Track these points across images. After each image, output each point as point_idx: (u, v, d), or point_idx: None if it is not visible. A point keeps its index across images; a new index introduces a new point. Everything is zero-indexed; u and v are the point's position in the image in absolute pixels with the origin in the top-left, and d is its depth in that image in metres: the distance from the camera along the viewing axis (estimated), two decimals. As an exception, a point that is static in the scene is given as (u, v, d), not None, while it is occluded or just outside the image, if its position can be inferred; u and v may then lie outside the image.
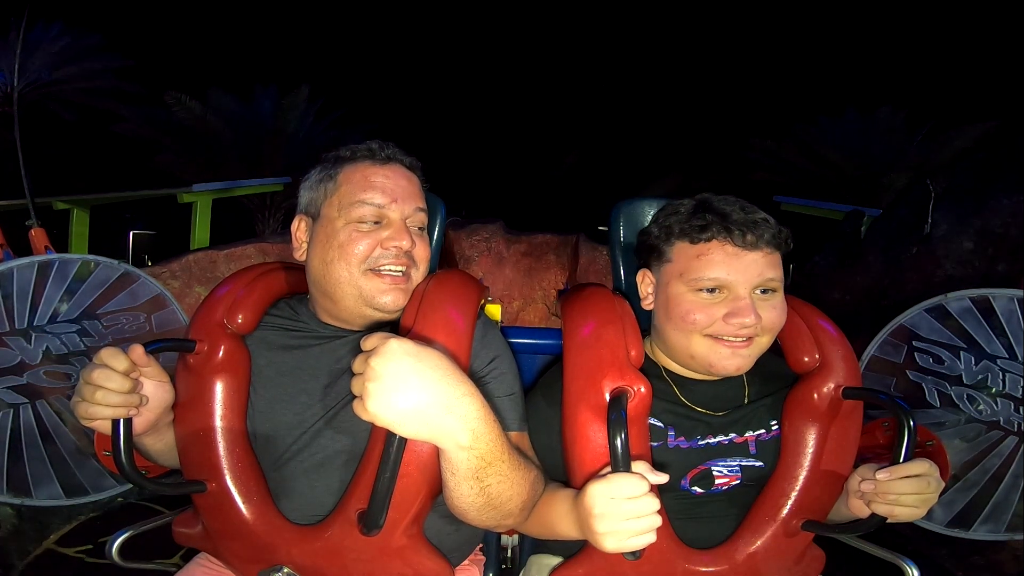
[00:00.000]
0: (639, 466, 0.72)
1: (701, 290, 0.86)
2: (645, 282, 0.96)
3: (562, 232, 3.66)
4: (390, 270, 0.89)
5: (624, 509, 0.69)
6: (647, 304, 0.96)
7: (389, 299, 0.88)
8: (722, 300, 0.85)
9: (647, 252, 0.95)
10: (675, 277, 0.89)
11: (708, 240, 0.86)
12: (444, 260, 1.20)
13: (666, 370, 0.97)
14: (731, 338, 0.86)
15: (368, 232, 0.89)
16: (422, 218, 0.95)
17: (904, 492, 0.76)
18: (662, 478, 0.73)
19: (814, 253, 3.35)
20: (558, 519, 0.81)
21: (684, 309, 0.87)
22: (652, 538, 0.70)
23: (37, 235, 2.00)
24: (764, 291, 0.86)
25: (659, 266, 0.93)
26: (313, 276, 0.93)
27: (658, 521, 0.70)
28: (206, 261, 3.12)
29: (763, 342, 0.88)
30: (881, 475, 0.76)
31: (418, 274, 0.93)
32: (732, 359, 0.86)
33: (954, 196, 2.74)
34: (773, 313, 0.86)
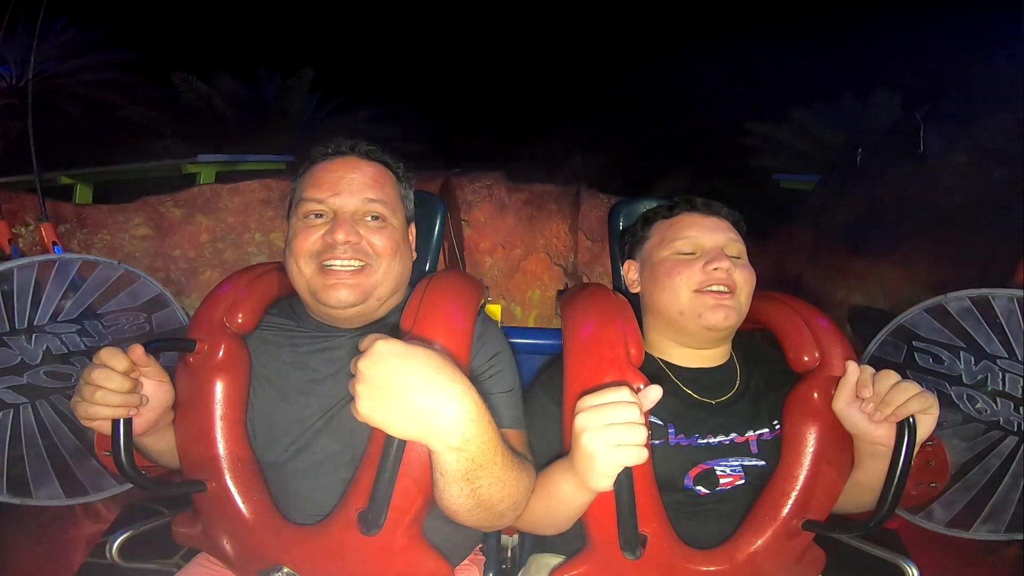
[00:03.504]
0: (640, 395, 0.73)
1: (680, 252, 0.98)
2: (631, 271, 1.08)
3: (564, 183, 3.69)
4: (341, 266, 0.88)
5: (607, 414, 0.69)
6: (635, 288, 1.07)
7: (333, 295, 0.87)
8: (698, 257, 0.97)
9: (631, 245, 1.10)
10: (656, 247, 1.02)
11: (677, 214, 1.03)
12: (446, 205, 1.21)
13: (663, 361, 1.00)
14: (714, 287, 0.94)
15: (314, 227, 0.90)
16: (375, 208, 0.92)
17: (904, 398, 0.78)
18: (656, 391, 0.74)
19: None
20: (553, 477, 0.81)
21: (667, 268, 0.98)
22: (644, 453, 0.68)
23: (45, 230, 2.00)
24: (731, 256, 0.97)
25: (641, 248, 1.06)
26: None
27: (644, 433, 0.68)
28: (210, 193, 3.17)
29: (741, 299, 0.96)
30: (863, 378, 0.83)
31: (380, 267, 0.91)
32: (719, 309, 0.93)
33: (944, 118, 2.95)
34: (743, 272, 0.97)
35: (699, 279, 0.94)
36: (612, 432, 0.68)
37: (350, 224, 0.89)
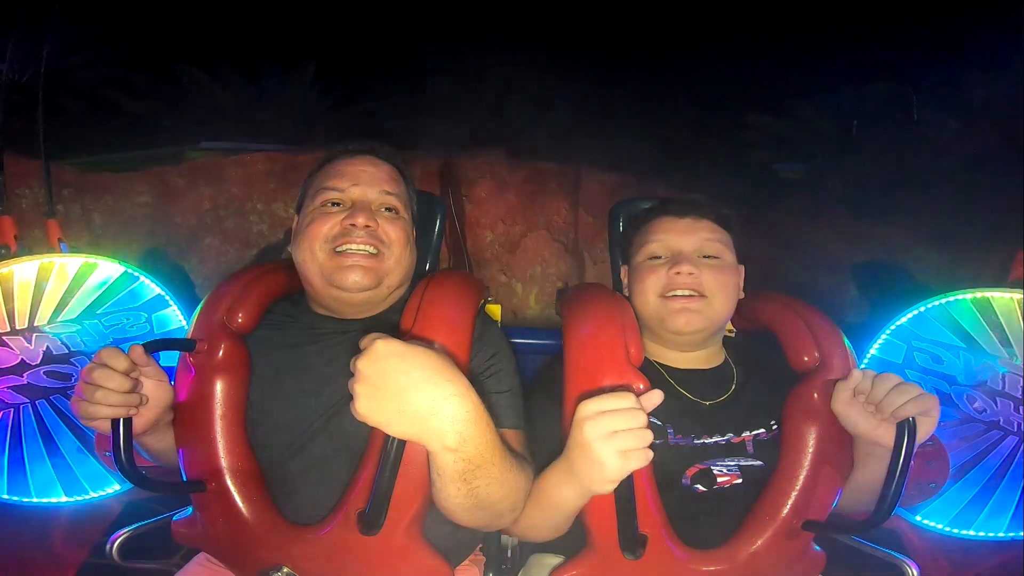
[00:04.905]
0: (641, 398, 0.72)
1: (652, 258, 0.98)
2: (625, 276, 1.08)
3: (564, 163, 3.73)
4: (356, 249, 0.90)
5: (613, 421, 0.68)
6: (627, 292, 1.06)
7: (349, 277, 0.89)
8: (666, 261, 0.96)
9: (623, 249, 1.11)
10: (635, 252, 1.03)
11: (653, 218, 1.03)
12: (445, 183, 1.23)
13: (660, 364, 1.00)
14: (680, 292, 0.93)
15: (331, 214, 0.92)
16: (391, 201, 0.96)
17: (903, 400, 0.77)
18: (657, 395, 0.73)
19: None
20: (550, 482, 0.80)
21: (640, 274, 0.99)
22: (648, 456, 0.69)
23: (51, 227, 2.00)
24: (706, 256, 0.96)
25: (628, 253, 1.07)
26: (295, 264, 0.96)
27: (649, 436, 0.69)
28: (213, 165, 3.21)
29: (715, 305, 0.94)
30: (863, 384, 0.82)
31: (392, 255, 0.93)
32: (682, 313, 0.93)
33: (934, 88, 3.11)
34: (714, 274, 0.94)
35: (663, 284, 0.95)
36: (620, 439, 0.68)
37: (369, 211, 0.92)
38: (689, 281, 0.93)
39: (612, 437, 0.68)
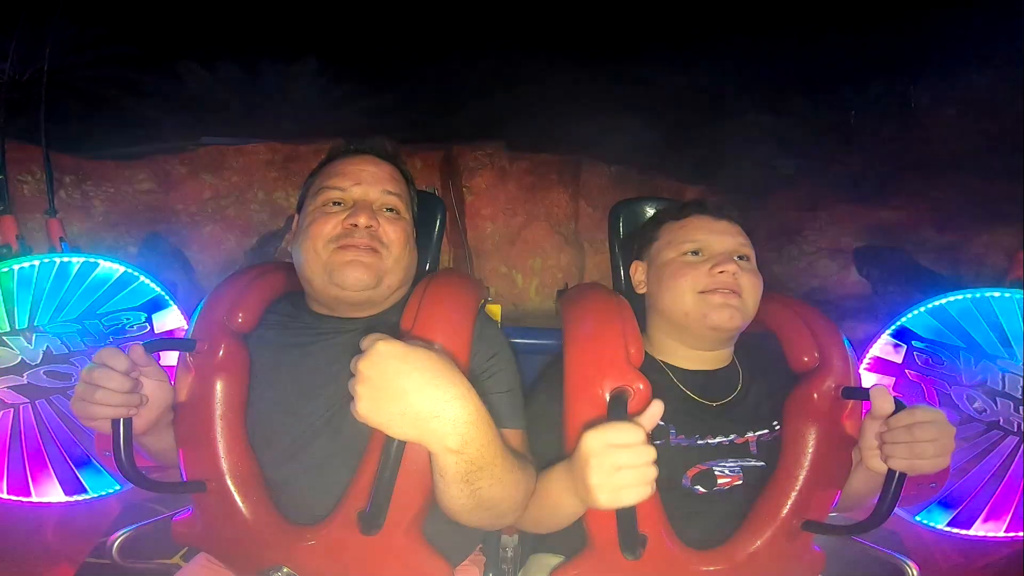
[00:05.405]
0: (642, 418, 0.72)
1: (687, 253, 0.98)
2: (638, 271, 1.07)
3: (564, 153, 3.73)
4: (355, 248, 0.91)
5: (618, 457, 0.67)
6: (641, 289, 1.06)
7: (350, 275, 0.89)
8: (705, 259, 0.96)
9: (639, 244, 1.09)
10: (664, 248, 1.02)
11: (687, 216, 1.02)
12: (446, 174, 1.24)
13: (665, 363, 1.00)
14: (720, 288, 0.93)
15: (333, 214, 0.92)
16: (392, 201, 0.96)
17: (919, 439, 0.77)
18: (658, 409, 0.72)
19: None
20: (552, 489, 0.81)
21: (673, 270, 0.98)
22: (648, 491, 0.68)
23: (52, 226, 1.99)
24: (740, 257, 0.97)
25: (649, 249, 1.05)
26: (295, 263, 0.96)
27: (654, 473, 0.68)
28: (216, 153, 3.22)
29: (749, 305, 0.95)
30: (892, 421, 0.79)
31: (391, 256, 0.93)
32: (724, 308, 0.92)
33: (931, 78, 3.19)
34: (750, 277, 0.96)
35: (705, 282, 0.94)
36: (622, 476, 0.67)
37: (370, 211, 0.92)
38: (731, 281, 0.94)
39: (615, 473, 0.67)
